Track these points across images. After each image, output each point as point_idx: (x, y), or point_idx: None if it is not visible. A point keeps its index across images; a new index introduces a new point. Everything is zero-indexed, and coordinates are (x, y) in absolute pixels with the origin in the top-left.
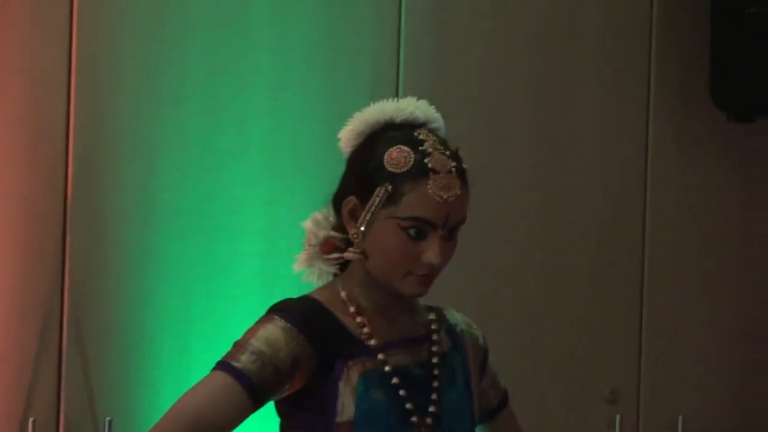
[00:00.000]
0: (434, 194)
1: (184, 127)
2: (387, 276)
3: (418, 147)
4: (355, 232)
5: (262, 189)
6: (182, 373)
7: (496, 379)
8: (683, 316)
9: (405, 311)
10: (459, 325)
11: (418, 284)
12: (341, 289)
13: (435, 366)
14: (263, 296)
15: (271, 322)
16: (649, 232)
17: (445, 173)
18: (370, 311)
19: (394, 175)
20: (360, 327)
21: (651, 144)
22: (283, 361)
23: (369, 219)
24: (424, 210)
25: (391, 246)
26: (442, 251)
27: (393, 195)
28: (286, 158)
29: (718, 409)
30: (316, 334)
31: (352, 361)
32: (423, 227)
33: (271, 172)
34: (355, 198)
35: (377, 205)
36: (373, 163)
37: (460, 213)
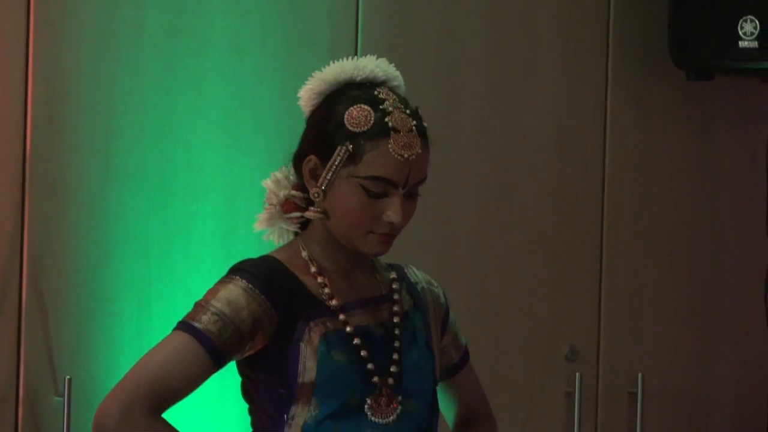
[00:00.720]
0: (395, 153)
1: (142, 88)
2: (348, 235)
3: (379, 106)
4: (316, 192)
5: (222, 149)
6: (142, 333)
7: (457, 336)
8: (642, 273)
9: (366, 271)
10: (420, 283)
11: (380, 243)
12: (302, 249)
13: (396, 326)
14: (223, 256)
15: (232, 283)
16: (608, 190)
17: (405, 132)
18: (331, 271)
19: (355, 135)
20: (321, 287)
21: (610, 104)
22: (244, 322)
23: (330, 178)
24: (384, 169)
25: (351, 205)
26: (403, 210)
27: (353, 154)
28: (245, 118)
29: (678, 368)
30: (278, 295)
31: (314, 321)
32: (384, 186)
33: (230, 132)
34: (315, 157)
35: (338, 165)
36: (334, 123)
37: (421, 172)
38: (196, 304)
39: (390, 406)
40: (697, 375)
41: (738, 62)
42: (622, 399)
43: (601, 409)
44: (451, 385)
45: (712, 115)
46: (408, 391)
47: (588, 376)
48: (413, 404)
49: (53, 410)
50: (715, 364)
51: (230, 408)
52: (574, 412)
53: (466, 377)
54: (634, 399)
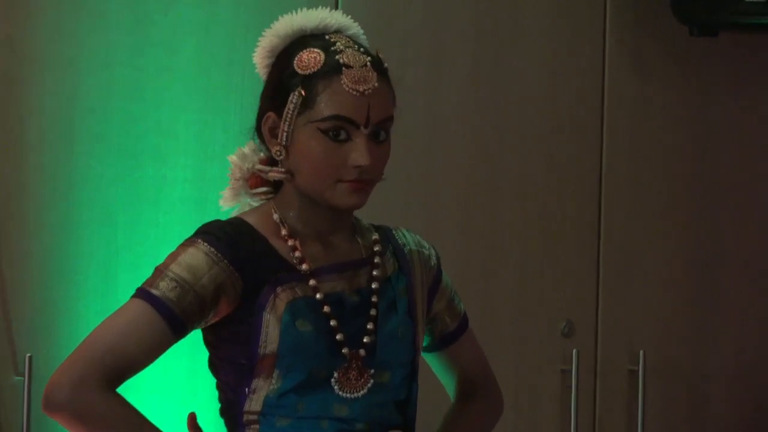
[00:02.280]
0: (349, 88)
1: (108, 45)
2: (317, 189)
3: (330, 48)
4: (278, 150)
5: (193, 110)
6: (108, 307)
7: (453, 302)
8: (642, 242)
9: (345, 234)
10: (408, 245)
11: (351, 192)
12: (274, 212)
13: (374, 292)
14: (194, 224)
15: (193, 246)
16: (605, 153)
17: (359, 67)
18: (304, 235)
19: (306, 78)
20: (292, 251)
21: (608, 62)
22: (205, 288)
23: (288, 130)
24: (340, 106)
25: (314, 153)
26: (370, 152)
27: (307, 98)
28: (218, 76)
29: (678, 343)
30: (242, 258)
31: (281, 287)
32: (344, 126)
33: (202, 91)
34: (273, 114)
35: (293, 113)
36: (286, 72)
37: (383, 108)
38: (156, 269)
39: (361, 380)
40: (698, 351)
41: (744, 17)
42: (621, 376)
43: (600, 387)
44: (448, 354)
45: (716, 74)
46: (383, 363)
47: (586, 354)
48: (388, 376)
49: (13, 390)
50: (717, 340)
51: (201, 387)
52: (571, 390)
53: (465, 346)
54: (635, 377)
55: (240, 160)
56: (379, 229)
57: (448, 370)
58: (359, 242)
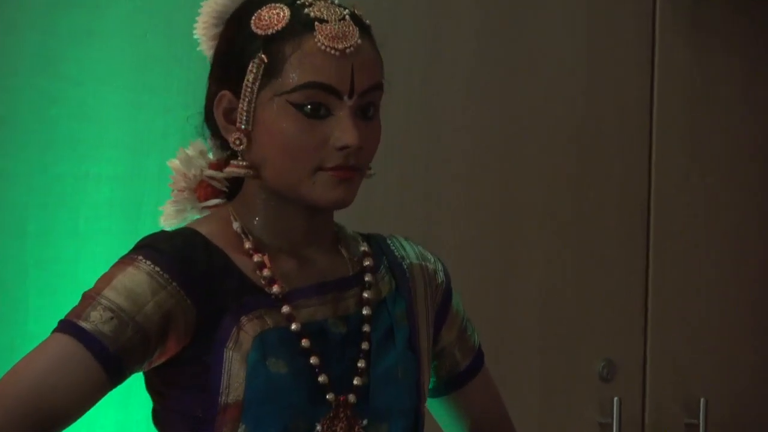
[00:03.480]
0: (325, 47)
1: (17, 4)
2: (289, 182)
3: (296, 2)
4: (237, 137)
5: (125, 87)
6: (16, 341)
7: (466, 332)
8: (700, 264)
9: (326, 245)
10: (407, 258)
11: (336, 183)
12: (234, 219)
13: (365, 320)
14: (126, 234)
15: (132, 265)
16: (656, 145)
17: (335, 20)
18: (273, 247)
19: (268, 40)
20: (259, 269)
21: (659, 28)
22: (148, 319)
23: (249, 110)
24: (315, 71)
25: (285, 135)
26: (357, 128)
27: (272, 66)
28: (157, 46)
29: (750, 390)
30: (196, 280)
31: (247, 316)
32: (322, 98)
33: (136, 62)
34: (227, 92)
35: (254, 86)
36: (240, 38)
37: (370, 72)
38: (85, 295)
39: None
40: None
41: None
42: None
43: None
44: (458, 400)
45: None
46: (378, 412)
47: (630, 402)
48: (385, 429)
49: None
50: None
51: (135, 422)
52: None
53: (479, 390)
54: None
55: (184, 165)
56: (369, 238)
57: (457, 419)
58: (344, 255)
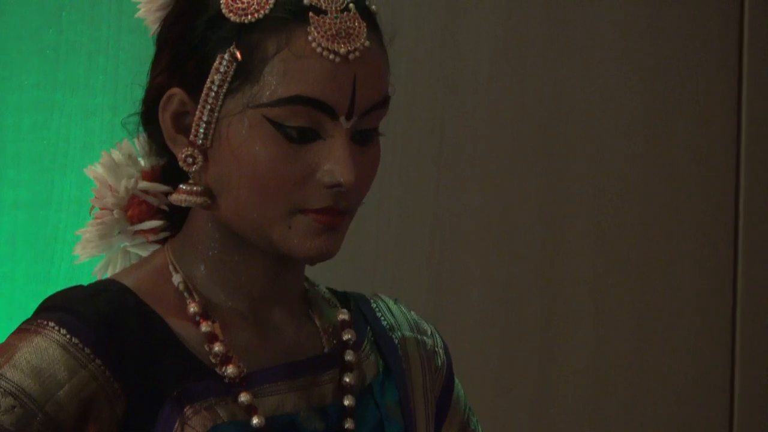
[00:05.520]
0: (322, 48)
1: None
2: (258, 224)
3: None
4: (189, 154)
5: (32, 84)
6: None
7: (469, 427)
8: None
9: (291, 307)
10: (399, 329)
11: (318, 230)
12: (174, 269)
13: (346, 413)
14: (34, 278)
15: (40, 334)
16: (745, 154)
17: (336, 11)
18: (226, 310)
19: (245, 29)
20: (208, 342)
21: (747, 23)
22: (63, 408)
23: (210, 120)
24: (306, 81)
25: (257, 162)
26: (355, 160)
27: (247, 65)
28: (73, 21)
29: None
30: (126, 357)
31: (192, 407)
32: (312, 117)
33: (45, 48)
34: (179, 90)
35: (219, 88)
36: (204, 19)
37: (376, 86)
38: None
39: None
40: None
41: None
42: None
43: None
44: None
45: None
46: None
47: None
48: None
49: None
50: None
51: None
52: None
53: None
54: None
55: (109, 173)
56: (347, 300)
57: None
58: (316, 324)
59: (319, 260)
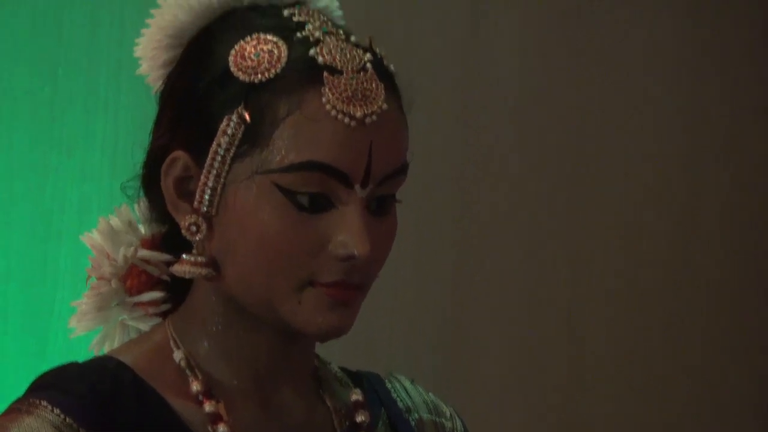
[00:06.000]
0: (336, 112)
1: None
2: (265, 298)
3: (295, 33)
4: (193, 222)
5: (29, 139)
6: None
7: None
8: None
9: (302, 386)
10: (416, 410)
11: (330, 305)
12: (175, 344)
13: None
14: (30, 355)
15: (32, 414)
16: None
17: (353, 71)
18: (230, 389)
19: (254, 89)
20: (211, 423)
21: None
22: None
23: (215, 186)
24: (319, 146)
25: (266, 231)
26: (369, 230)
27: (256, 128)
28: (67, 67)
29: None
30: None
31: None
32: (325, 185)
33: (43, 97)
34: (183, 153)
35: (226, 152)
36: (210, 76)
37: (394, 152)
38: None
39: None
40: None
41: None
42: None
43: None
44: None
45: None
46: None
47: None
48: None
49: None
50: None
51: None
52: None
53: None
54: None
55: (107, 241)
56: (360, 379)
57: None
58: (327, 404)
59: (330, 337)
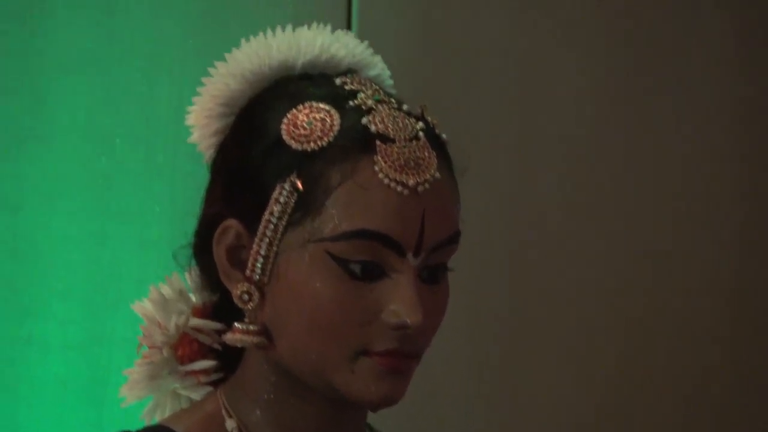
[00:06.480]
0: (389, 180)
1: None
2: (318, 367)
3: (347, 101)
4: (245, 291)
5: (78, 208)
6: None
7: None
8: None
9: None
10: None
11: (382, 374)
12: (227, 413)
13: None
14: (85, 426)
15: None
16: None
17: (405, 140)
18: None
19: (307, 158)
20: None
21: None
22: None
23: (268, 255)
24: (372, 215)
25: (319, 300)
26: (423, 299)
27: (309, 197)
28: (157, 125)
29: None
30: None
31: None
32: (377, 253)
33: (98, 167)
34: (235, 222)
35: (279, 220)
36: (262, 145)
37: (446, 221)
38: None
39: None
40: None
41: None
42: None
43: None
44: None
45: None
46: None
47: None
48: None
49: None
50: None
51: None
52: None
53: None
54: None
55: (158, 309)
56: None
57: None
58: None
59: (383, 406)
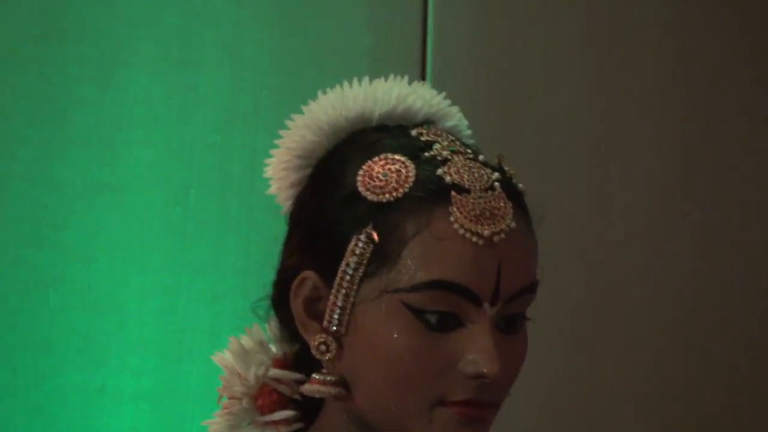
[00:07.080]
0: (464, 231)
1: None
2: (395, 417)
3: (422, 153)
4: (322, 341)
5: (138, 254)
6: None
7: None
8: None
9: None
10: None
11: (460, 423)
12: None
13: None
14: None
15: None
16: None
17: (480, 190)
18: None
19: (382, 208)
20: None
21: None
22: None
23: (345, 306)
24: (448, 265)
25: (395, 351)
26: (499, 349)
27: (384, 248)
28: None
29: None
30: None
31: None
32: (454, 303)
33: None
34: (313, 273)
35: (355, 271)
36: (338, 197)
37: (523, 271)
38: None
39: None
40: None
41: None
42: None
43: None
44: None
45: None
46: None
47: None
48: None
49: None
50: None
51: None
52: None
53: None
54: None
55: (238, 360)
56: None
57: None
58: None
59: None
